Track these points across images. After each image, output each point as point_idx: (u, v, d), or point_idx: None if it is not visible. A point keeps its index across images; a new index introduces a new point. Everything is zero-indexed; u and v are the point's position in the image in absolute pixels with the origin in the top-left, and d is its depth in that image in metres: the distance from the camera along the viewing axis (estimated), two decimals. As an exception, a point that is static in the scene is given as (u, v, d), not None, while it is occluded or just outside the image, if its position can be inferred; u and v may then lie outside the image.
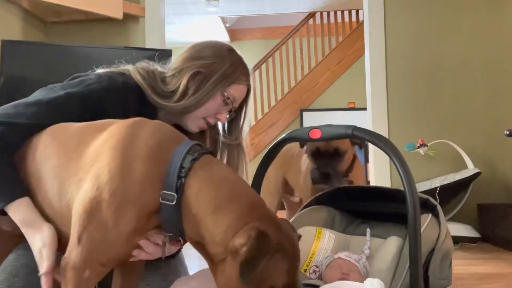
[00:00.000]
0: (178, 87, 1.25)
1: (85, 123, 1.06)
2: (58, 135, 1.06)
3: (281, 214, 1.38)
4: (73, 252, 0.91)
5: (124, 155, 0.91)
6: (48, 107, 1.10)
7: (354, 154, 2.00)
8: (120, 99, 1.20)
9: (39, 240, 0.98)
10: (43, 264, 0.95)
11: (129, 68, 1.27)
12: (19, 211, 1.01)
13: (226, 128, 1.40)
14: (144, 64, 1.31)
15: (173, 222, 0.90)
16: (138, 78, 1.24)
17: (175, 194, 0.89)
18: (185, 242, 0.96)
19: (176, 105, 1.24)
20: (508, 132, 2.54)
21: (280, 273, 0.84)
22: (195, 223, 0.89)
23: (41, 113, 1.09)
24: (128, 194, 0.89)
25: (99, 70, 1.27)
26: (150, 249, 0.95)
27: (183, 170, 0.91)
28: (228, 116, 1.34)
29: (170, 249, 1.00)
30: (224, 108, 1.30)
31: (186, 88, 1.25)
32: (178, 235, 0.92)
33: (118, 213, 0.88)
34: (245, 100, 1.36)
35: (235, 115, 1.37)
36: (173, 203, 0.89)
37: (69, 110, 1.12)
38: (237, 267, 0.82)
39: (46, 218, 1.02)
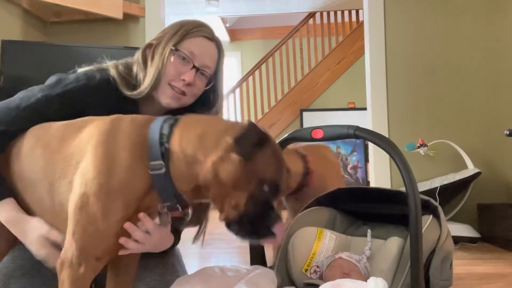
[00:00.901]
0: (137, 64, 1.25)
1: (64, 122, 1.08)
2: (41, 136, 1.08)
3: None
4: (68, 249, 0.93)
5: (106, 150, 0.94)
6: (28, 112, 1.12)
7: (307, 168, 1.61)
8: (99, 96, 1.19)
9: (37, 231, 1.01)
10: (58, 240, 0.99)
11: (109, 64, 1.26)
12: (4, 211, 1.03)
13: (210, 101, 1.30)
14: (127, 59, 1.30)
15: (167, 189, 0.93)
16: (113, 72, 1.23)
17: (162, 162, 0.92)
18: (183, 210, 0.98)
19: (143, 88, 1.21)
20: (508, 132, 2.55)
21: (269, 168, 0.94)
22: (187, 169, 0.93)
23: (21, 118, 1.11)
24: (115, 184, 0.91)
25: (81, 69, 1.26)
26: (137, 234, 0.96)
27: (164, 137, 0.94)
28: (205, 82, 1.25)
29: (165, 232, 1.01)
30: (185, 66, 1.20)
31: (144, 64, 1.23)
32: (176, 203, 0.95)
33: (107, 203, 0.91)
34: (218, 62, 1.27)
35: (215, 83, 1.27)
36: (163, 170, 0.92)
37: (49, 112, 1.14)
38: (232, 157, 0.90)
39: (36, 215, 1.04)
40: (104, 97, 1.20)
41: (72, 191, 0.95)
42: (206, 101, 1.30)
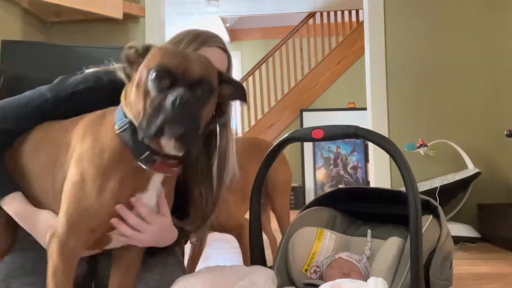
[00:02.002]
0: None
1: (69, 119, 1.13)
2: (47, 131, 1.13)
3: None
4: (59, 226, 0.97)
5: (93, 137, 1.00)
6: (36, 111, 1.15)
7: None
8: (106, 98, 1.20)
9: (46, 223, 1.03)
10: None
11: (116, 66, 1.28)
12: (14, 204, 1.07)
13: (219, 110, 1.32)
14: None
15: (137, 142, 0.94)
16: (121, 75, 1.25)
17: (125, 119, 0.96)
18: (163, 164, 0.97)
19: None
20: (508, 133, 2.54)
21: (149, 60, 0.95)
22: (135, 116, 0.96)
23: (29, 117, 1.14)
24: (106, 162, 0.96)
25: (88, 70, 1.29)
26: (130, 218, 0.98)
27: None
28: None
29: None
30: None
31: None
32: (150, 155, 0.95)
33: (102, 181, 0.95)
34: (228, 70, 1.32)
35: None
36: (127, 125, 0.95)
37: (57, 112, 1.16)
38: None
39: (43, 207, 1.08)
40: (111, 99, 1.21)
41: (68, 176, 0.99)
42: (216, 110, 1.32)
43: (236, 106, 1.39)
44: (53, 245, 0.97)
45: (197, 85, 0.93)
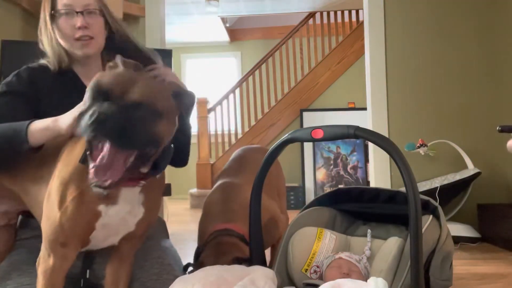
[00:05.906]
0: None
1: None
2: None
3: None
4: (42, 246, 1.00)
5: (68, 151, 1.03)
6: None
7: None
8: (38, 78, 1.33)
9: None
10: None
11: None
12: (39, 124, 1.07)
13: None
14: None
15: None
16: (41, 61, 1.41)
17: None
18: None
19: (51, 59, 1.35)
20: (500, 128, 2.52)
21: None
22: None
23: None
24: (70, 173, 0.97)
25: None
26: None
27: None
28: (100, 17, 1.38)
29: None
30: (72, 19, 1.32)
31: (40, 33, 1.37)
32: None
33: (63, 191, 0.96)
34: None
35: (106, 15, 1.42)
36: None
37: (5, 112, 1.22)
38: None
39: None
40: (41, 78, 1.33)
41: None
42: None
43: (235, 107, 1.41)
44: (39, 269, 1.00)
45: (135, 108, 0.89)
